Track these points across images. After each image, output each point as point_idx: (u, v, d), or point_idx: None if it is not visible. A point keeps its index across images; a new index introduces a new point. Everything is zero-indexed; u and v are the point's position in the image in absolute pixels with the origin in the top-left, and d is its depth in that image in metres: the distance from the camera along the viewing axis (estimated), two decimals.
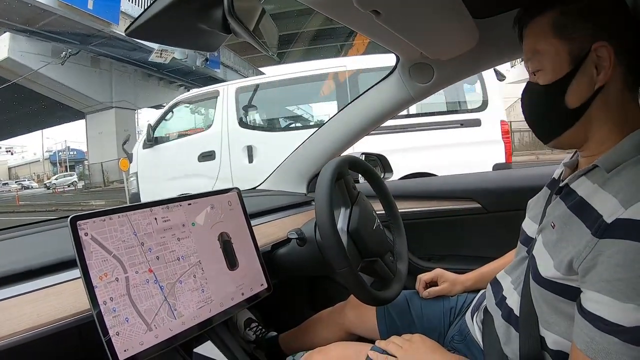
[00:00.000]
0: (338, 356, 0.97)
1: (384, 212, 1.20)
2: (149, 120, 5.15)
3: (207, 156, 4.58)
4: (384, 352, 0.91)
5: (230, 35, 0.77)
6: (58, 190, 22.60)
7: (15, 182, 30.71)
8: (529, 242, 0.82)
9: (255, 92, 4.71)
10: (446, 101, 4.54)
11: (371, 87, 1.44)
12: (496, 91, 4.32)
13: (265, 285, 1.03)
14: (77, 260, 0.72)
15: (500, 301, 0.86)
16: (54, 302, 0.74)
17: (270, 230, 1.24)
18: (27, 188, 28.01)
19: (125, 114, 16.98)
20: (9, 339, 0.67)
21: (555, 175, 0.86)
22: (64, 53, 13.02)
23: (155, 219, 0.85)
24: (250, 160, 4.45)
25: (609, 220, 0.59)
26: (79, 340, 0.75)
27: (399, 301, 1.11)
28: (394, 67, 1.36)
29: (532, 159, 13.44)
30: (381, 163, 1.65)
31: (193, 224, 0.91)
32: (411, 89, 1.36)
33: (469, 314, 1.02)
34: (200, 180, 4.53)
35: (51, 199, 16.50)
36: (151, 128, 4.90)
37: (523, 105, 0.78)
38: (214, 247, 0.94)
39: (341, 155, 1.37)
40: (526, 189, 0.98)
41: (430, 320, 1.11)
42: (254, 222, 1.07)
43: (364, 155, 1.60)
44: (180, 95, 5.24)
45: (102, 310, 0.72)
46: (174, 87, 18.91)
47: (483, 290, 1.04)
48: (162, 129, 5.02)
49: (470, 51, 1.18)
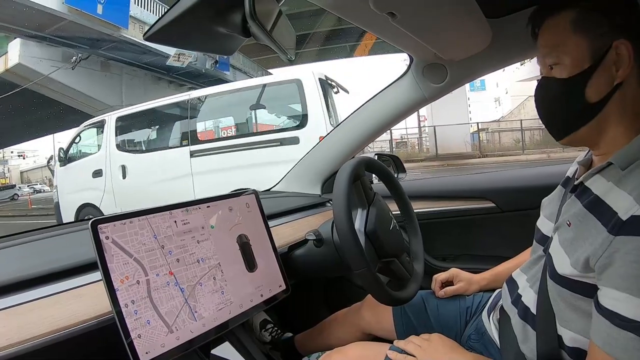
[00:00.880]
0: (357, 356, 0.97)
1: (399, 213, 1.20)
2: (61, 143, 6.36)
3: (98, 173, 5.67)
4: (403, 352, 0.91)
5: (248, 38, 0.77)
6: None
7: (28, 186, 31.05)
8: (545, 241, 0.82)
9: (130, 120, 5.81)
10: (274, 122, 5.39)
11: (385, 88, 1.44)
12: (318, 108, 4.67)
13: (284, 287, 1.03)
14: (99, 264, 0.72)
15: (516, 300, 0.86)
16: (74, 306, 0.74)
17: (287, 232, 1.24)
18: (39, 192, 28.30)
19: None
20: (29, 342, 0.67)
21: (570, 173, 0.86)
22: (74, 58, 13.12)
23: (175, 222, 0.85)
24: (124, 176, 5.49)
25: (625, 218, 0.60)
26: (100, 343, 0.75)
27: (415, 301, 1.10)
28: (408, 68, 1.36)
29: (543, 157, 13.35)
30: (394, 163, 1.65)
31: (212, 227, 0.91)
32: (425, 90, 1.36)
33: (485, 313, 1.02)
34: (94, 193, 5.67)
35: None
36: (62, 151, 6.13)
37: (538, 101, 0.77)
38: (233, 249, 0.94)
39: (355, 156, 1.38)
40: (540, 187, 0.98)
41: (447, 320, 1.10)
42: (270, 224, 1.08)
43: (376, 156, 1.60)
44: (87, 121, 6.26)
45: (124, 313, 0.72)
46: (183, 90, 18.86)
47: (499, 290, 1.04)
48: (74, 150, 6.13)
49: (483, 51, 1.18)
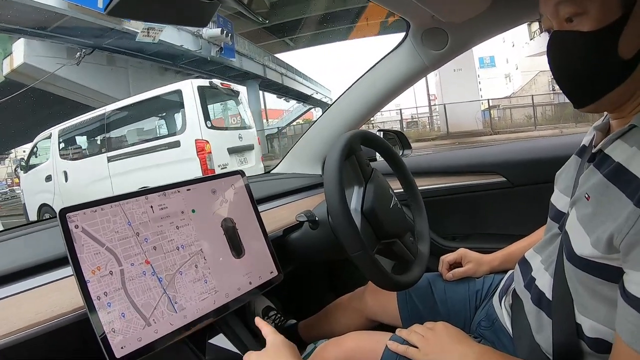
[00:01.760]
0: (354, 347, 0.90)
1: (402, 191, 1.13)
2: (24, 155, 8.03)
3: (49, 178, 6.67)
4: (405, 342, 0.84)
5: (219, 5, 0.69)
6: None
7: None
8: (560, 218, 0.74)
9: (68, 132, 6.82)
10: (162, 129, 6.54)
11: (382, 59, 1.36)
12: (194, 118, 5.44)
13: (275, 273, 0.96)
14: (68, 254, 0.67)
15: (529, 283, 0.78)
16: (52, 299, 0.71)
17: (282, 214, 1.18)
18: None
19: None
20: (6, 338, 0.64)
21: (585, 142, 0.76)
22: (78, 54, 13.13)
23: (152, 207, 0.79)
24: (66, 180, 6.49)
25: None
26: (79, 336, 0.71)
27: (421, 285, 1.04)
28: (405, 35, 1.28)
29: (556, 132, 13.11)
30: (399, 140, 1.57)
31: (193, 211, 0.84)
32: (425, 57, 1.28)
33: (496, 298, 0.94)
34: (48, 195, 6.66)
35: None
36: (23, 160, 7.56)
37: (555, 61, 0.65)
38: (217, 235, 0.88)
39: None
40: (554, 160, 0.90)
41: (455, 305, 1.04)
42: (264, 207, 1.01)
43: (381, 133, 1.52)
44: (40, 134, 7.22)
45: (96, 306, 0.67)
46: (191, 79, 18.92)
47: (511, 271, 0.96)
48: (33, 159, 7.31)
49: (484, 13, 1.09)
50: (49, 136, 6.81)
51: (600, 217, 0.58)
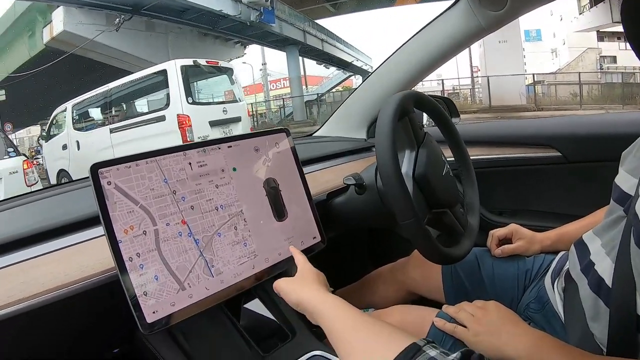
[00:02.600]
0: (398, 322, 0.85)
1: (452, 159, 1.04)
2: (44, 127, 8.94)
3: (64, 147, 7.46)
4: (452, 320, 0.79)
5: None
6: None
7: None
8: (626, 200, 0.66)
9: (80, 107, 7.64)
10: (149, 105, 7.15)
11: (436, 18, 1.26)
12: (176, 94, 6.08)
13: (319, 238, 0.90)
14: (99, 212, 0.64)
15: (587, 267, 0.71)
16: (83, 260, 0.69)
17: (326, 177, 1.12)
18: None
19: None
20: (34, 299, 0.62)
21: None
22: (117, 20, 13.30)
23: (190, 163, 0.74)
24: (78, 149, 7.27)
25: None
26: (109, 299, 0.68)
27: (468, 259, 0.97)
28: None
29: (602, 113, 12.48)
30: (447, 107, 1.47)
31: (234, 169, 0.79)
32: (482, 18, 1.18)
33: (548, 279, 0.87)
34: (65, 161, 7.46)
35: None
36: (44, 130, 8.44)
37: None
38: (259, 195, 0.82)
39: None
40: (617, 136, 0.81)
41: (503, 283, 0.97)
42: (307, 170, 0.96)
43: None
44: (58, 108, 8.01)
45: (128, 267, 0.63)
46: (230, 45, 18.93)
47: (563, 253, 0.90)
48: (52, 130, 8.12)
49: None
50: (65, 110, 7.69)
51: None
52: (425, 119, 1.16)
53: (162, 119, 6.25)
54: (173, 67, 6.23)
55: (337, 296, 0.64)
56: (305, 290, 0.67)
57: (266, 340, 0.83)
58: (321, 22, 20.82)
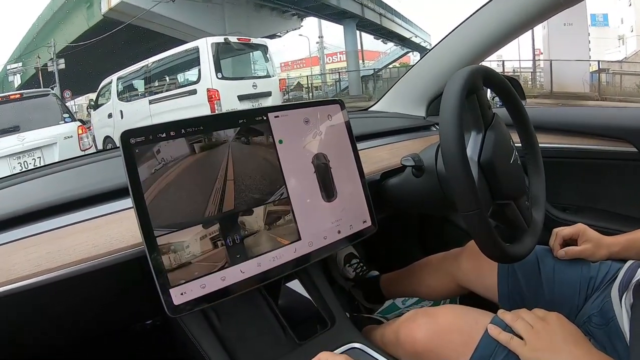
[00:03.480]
0: (448, 323, 0.78)
1: (519, 145, 0.95)
2: (87, 98, 9.69)
3: (110, 116, 7.97)
4: (508, 329, 0.71)
5: None
6: None
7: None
8: None
9: (124, 80, 8.14)
10: (183, 79, 7.79)
11: None
12: (207, 70, 6.60)
13: (369, 223, 0.84)
14: (128, 184, 0.60)
15: None
16: (112, 231, 0.67)
17: (381, 156, 1.06)
18: None
19: None
20: (59, 270, 0.61)
21: None
22: None
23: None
24: (122, 117, 7.72)
25: None
26: (140, 272, 0.65)
27: (528, 259, 0.87)
28: None
29: None
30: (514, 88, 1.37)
31: (280, 142, 0.73)
32: None
33: (615, 291, 0.77)
34: (110, 129, 7.87)
35: None
36: (92, 100, 9.02)
37: None
38: (307, 172, 0.76)
39: None
40: None
41: (563, 289, 0.88)
42: (362, 145, 0.91)
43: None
44: (104, 80, 8.56)
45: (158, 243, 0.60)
46: (286, 17, 19.00)
47: (632, 262, 0.82)
48: (100, 100, 8.63)
49: None
50: (111, 82, 8.29)
51: None
52: (490, 97, 1.06)
53: (194, 92, 6.79)
54: (204, 45, 6.75)
55: None
56: None
57: (303, 325, 0.79)
58: None
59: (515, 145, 0.91)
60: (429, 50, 1.37)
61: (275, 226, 0.71)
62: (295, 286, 0.84)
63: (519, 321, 0.71)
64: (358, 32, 20.95)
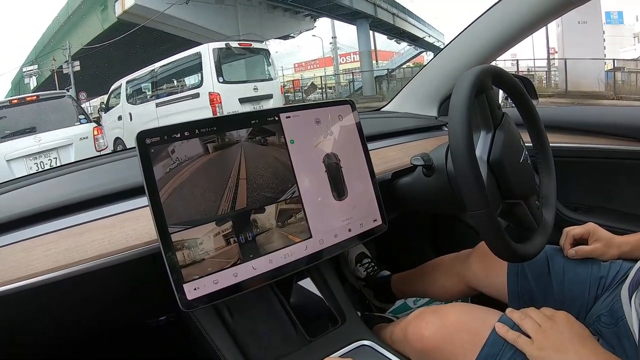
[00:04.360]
0: (456, 322, 0.78)
1: (529, 145, 0.95)
2: (102, 100, 10.01)
3: (120, 118, 8.27)
4: (515, 327, 0.71)
5: None
6: None
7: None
8: None
9: (132, 83, 8.47)
10: (187, 83, 7.87)
11: None
12: (209, 74, 6.91)
13: (379, 222, 0.85)
14: (144, 182, 0.62)
15: None
16: (128, 229, 0.69)
17: (392, 155, 1.06)
18: None
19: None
20: (76, 266, 0.63)
21: None
22: None
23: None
24: (130, 119, 8.05)
25: None
26: (155, 268, 0.66)
27: (537, 258, 0.87)
28: None
29: None
30: (525, 88, 1.35)
31: (292, 142, 0.75)
32: None
33: (625, 291, 0.76)
34: (120, 130, 8.19)
35: None
36: (103, 103, 9.35)
37: None
38: (318, 171, 0.77)
39: None
40: None
41: (573, 289, 0.87)
42: (372, 145, 0.91)
43: None
44: (114, 83, 8.86)
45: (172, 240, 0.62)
46: (299, 17, 19.03)
47: None
48: (110, 102, 8.97)
49: None
50: (120, 85, 8.63)
51: None
52: (501, 99, 1.06)
53: (197, 95, 7.10)
54: (206, 50, 7.08)
55: None
56: None
57: (314, 322, 0.80)
58: None
59: (526, 144, 0.92)
60: (440, 50, 1.37)
61: (287, 224, 0.72)
62: (306, 284, 0.85)
63: (526, 320, 0.71)
64: (371, 32, 20.83)
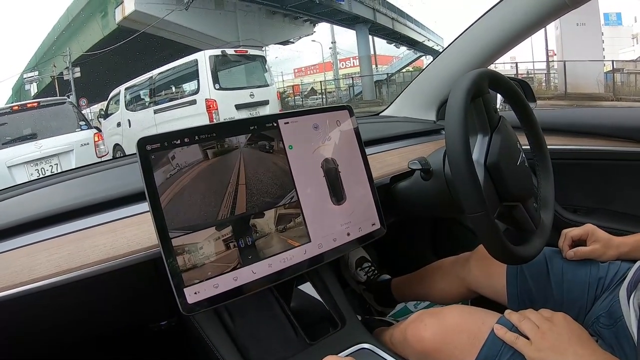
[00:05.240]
0: (455, 324, 0.78)
1: (527, 148, 0.95)
2: (102, 106, 9.99)
3: (119, 124, 8.28)
4: (514, 329, 0.71)
5: None
6: None
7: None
8: None
9: (131, 90, 8.50)
10: (184, 90, 7.92)
11: None
12: (205, 81, 6.98)
13: (378, 226, 0.85)
14: (145, 188, 0.62)
15: None
16: (129, 234, 0.69)
17: (391, 160, 1.06)
18: None
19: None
20: (78, 271, 0.63)
21: None
22: None
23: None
24: (129, 126, 8.06)
25: None
26: (156, 273, 0.67)
27: (536, 260, 0.87)
28: None
29: None
30: (523, 90, 1.35)
31: (290, 147, 0.75)
32: None
33: (624, 292, 0.77)
34: (119, 137, 8.21)
35: None
36: (102, 110, 9.34)
37: None
38: (316, 176, 0.78)
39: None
40: None
41: (572, 290, 0.87)
42: (371, 150, 0.92)
43: None
44: (113, 90, 8.91)
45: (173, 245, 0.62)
46: (299, 23, 19.10)
47: None
48: (109, 109, 8.98)
49: None
50: (119, 92, 8.69)
51: None
52: (499, 103, 1.06)
53: (194, 102, 7.17)
54: (203, 57, 7.13)
55: None
56: None
57: (314, 326, 0.81)
58: (392, 0, 20.41)
59: (524, 147, 0.92)
60: (440, 52, 1.37)
61: (286, 228, 0.73)
62: (307, 288, 0.85)
63: (525, 321, 0.71)
64: (370, 37, 20.90)
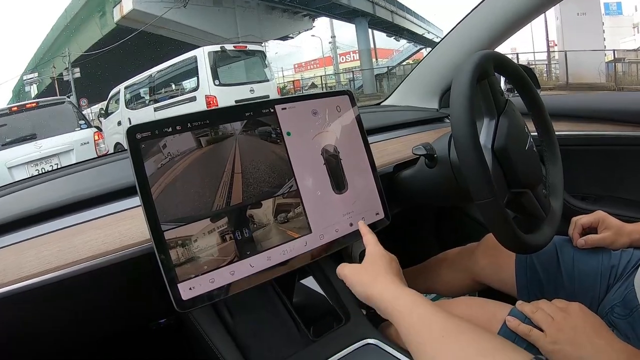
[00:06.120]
0: (466, 316, 0.75)
1: (534, 134, 0.92)
2: (102, 106, 9.89)
3: (119, 123, 8.32)
4: (527, 320, 0.69)
5: None
6: None
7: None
8: None
9: (131, 88, 8.58)
10: (184, 87, 8.07)
11: None
12: (205, 78, 7.04)
13: (382, 215, 0.82)
14: (135, 180, 0.60)
15: None
16: (122, 228, 0.68)
17: (394, 148, 1.04)
18: None
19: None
20: (69, 267, 0.62)
21: None
22: None
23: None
24: (130, 124, 6.87)
25: None
26: (151, 269, 0.64)
27: (546, 249, 0.84)
28: None
29: None
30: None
31: (288, 134, 0.72)
32: None
33: (638, 281, 0.74)
34: (119, 135, 8.12)
35: None
36: (103, 109, 9.34)
37: None
38: (316, 164, 0.75)
39: None
40: None
41: (583, 279, 0.85)
42: (374, 139, 0.90)
43: None
44: (113, 89, 8.92)
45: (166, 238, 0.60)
46: (298, 18, 19.12)
47: None
48: (109, 108, 9.01)
49: None
50: (119, 91, 8.79)
51: None
52: (503, 87, 1.03)
53: (194, 99, 7.22)
54: (202, 54, 7.17)
55: (415, 291, 0.56)
56: (376, 282, 0.59)
57: (318, 321, 0.78)
58: None
59: (531, 133, 0.89)
60: (441, 40, 1.35)
61: (285, 219, 0.70)
62: (309, 283, 0.82)
63: (538, 312, 0.68)
64: (370, 31, 20.91)
